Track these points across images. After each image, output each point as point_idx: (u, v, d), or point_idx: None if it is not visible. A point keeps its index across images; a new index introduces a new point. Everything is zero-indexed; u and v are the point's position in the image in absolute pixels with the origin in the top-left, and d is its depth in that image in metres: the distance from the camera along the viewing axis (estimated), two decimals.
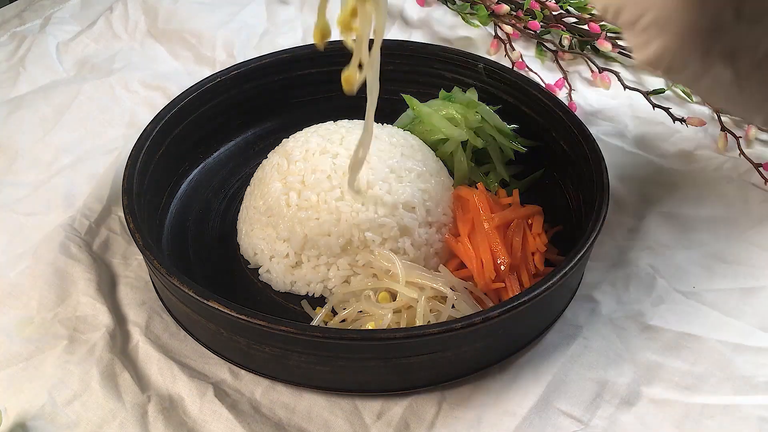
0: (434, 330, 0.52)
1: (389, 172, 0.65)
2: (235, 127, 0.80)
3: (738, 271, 0.66)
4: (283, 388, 0.57)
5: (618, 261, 0.67)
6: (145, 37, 0.99)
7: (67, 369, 0.58)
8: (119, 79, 0.90)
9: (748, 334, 0.61)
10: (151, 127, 0.70)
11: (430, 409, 0.56)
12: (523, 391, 0.57)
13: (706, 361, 0.59)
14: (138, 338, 0.61)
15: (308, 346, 0.53)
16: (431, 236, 0.65)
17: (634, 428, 0.54)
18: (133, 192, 0.63)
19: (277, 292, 0.65)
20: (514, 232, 0.64)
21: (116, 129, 0.84)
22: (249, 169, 0.73)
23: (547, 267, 0.64)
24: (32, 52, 0.95)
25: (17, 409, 0.56)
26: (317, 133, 0.68)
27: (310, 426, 0.55)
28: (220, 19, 1.01)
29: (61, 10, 1.04)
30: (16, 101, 0.87)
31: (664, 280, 0.65)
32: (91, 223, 0.72)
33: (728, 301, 0.64)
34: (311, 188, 0.64)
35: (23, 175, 0.78)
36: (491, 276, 0.61)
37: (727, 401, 0.56)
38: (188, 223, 0.71)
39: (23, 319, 0.63)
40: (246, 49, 0.96)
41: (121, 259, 0.69)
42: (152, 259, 0.57)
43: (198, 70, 0.94)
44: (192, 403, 0.56)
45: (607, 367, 0.58)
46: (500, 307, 0.53)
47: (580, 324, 0.62)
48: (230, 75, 0.77)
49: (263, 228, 0.65)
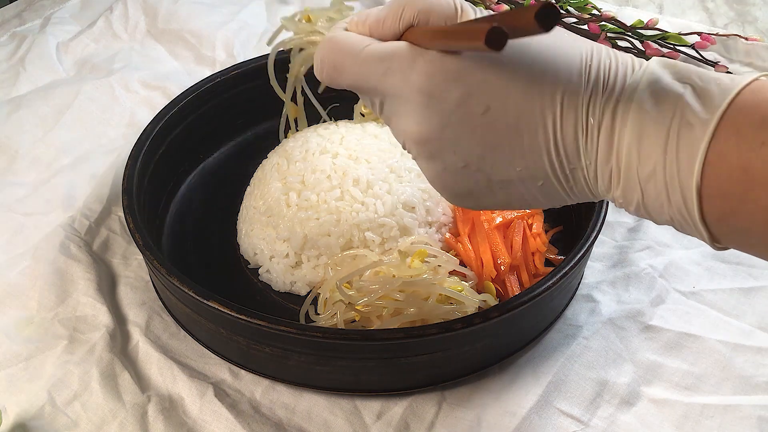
0: (434, 330, 0.52)
1: (389, 171, 0.65)
2: (235, 127, 0.80)
3: (738, 271, 0.66)
4: (283, 388, 0.57)
5: (618, 261, 0.67)
6: (145, 37, 0.99)
7: (67, 369, 0.58)
8: (119, 79, 0.90)
9: (748, 334, 0.61)
10: (151, 127, 0.70)
11: (430, 409, 0.56)
12: (523, 391, 0.57)
13: (706, 361, 0.59)
14: (138, 338, 0.61)
15: (308, 346, 0.53)
16: (431, 236, 0.65)
17: (634, 428, 0.54)
18: (133, 192, 0.63)
19: (277, 292, 0.65)
20: (514, 232, 0.64)
21: (116, 129, 0.84)
22: (249, 169, 0.73)
23: (547, 267, 0.64)
24: (32, 52, 0.95)
25: (17, 409, 0.56)
26: (317, 133, 0.68)
27: (310, 426, 0.55)
28: (220, 19, 1.01)
29: (61, 10, 1.04)
30: (16, 101, 0.87)
31: (664, 280, 0.65)
32: (91, 223, 0.72)
33: (728, 301, 0.64)
34: (311, 188, 0.64)
35: (23, 175, 0.78)
36: (491, 276, 0.61)
37: (727, 401, 0.56)
38: (188, 223, 0.71)
39: (23, 319, 0.63)
40: (246, 49, 0.97)
41: (121, 259, 0.69)
42: (152, 259, 0.57)
43: (198, 70, 0.94)
44: (192, 403, 0.56)
45: (607, 367, 0.58)
46: (500, 307, 0.53)
47: (580, 324, 0.62)
48: (230, 75, 0.77)
49: (263, 228, 0.65)
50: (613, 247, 0.69)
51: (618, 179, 0.36)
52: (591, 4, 0.96)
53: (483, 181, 0.39)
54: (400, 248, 0.61)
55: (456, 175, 0.40)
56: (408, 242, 0.62)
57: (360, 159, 0.65)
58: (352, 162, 0.64)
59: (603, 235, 0.69)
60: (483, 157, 0.38)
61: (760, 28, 1.01)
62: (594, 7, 0.96)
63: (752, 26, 1.01)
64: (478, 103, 0.37)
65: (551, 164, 0.37)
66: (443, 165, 0.39)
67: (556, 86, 0.36)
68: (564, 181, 0.38)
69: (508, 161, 0.38)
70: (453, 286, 0.57)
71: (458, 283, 0.58)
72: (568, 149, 0.36)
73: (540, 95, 0.36)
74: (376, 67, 0.40)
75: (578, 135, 0.36)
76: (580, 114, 0.35)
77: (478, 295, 0.58)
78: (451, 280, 0.59)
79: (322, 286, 0.61)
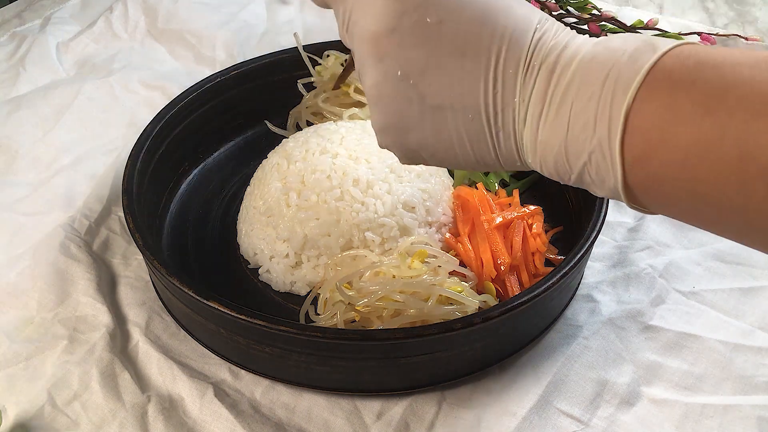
0: (434, 330, 0.52)
1: (389, 171, 0.65)
2: (235, 127, 0.80)
3: (738, 271, 0.66)
4: (283, 388, 0.57)
5: (618, 261, 0.67)
6: (145, 37, 0.99)
7: (67, 369, 0.58)
8: (119, 79, 0.90)
9: (748, 334, 0.61)
10: (151, 127, 0.70)
11: (430, 409, 0.56)
12: (523, 391, 0.57)
13: (706, 361, 0.59)
14: (138, 338, 0.61)
15: (308, 346, 0.53)
16: (431, 236, 0.65)
17: (634, 428, 0.54)
18: (133, 192, 0.63)
19: (277, 292, 0.65)
20: (514, 232, 0.64)
21: (116, 129, 0.84)
22: (249, 169, 0.73)
23: (547, 267, 0.64)
24: (32, 52, 0.95)
25: (17, 409, 0.56)
26: (317, 134, 0.68)
27: (310, 426, 0.55)
28: (220, 19, 1.01)
29: (61, 10, 1.04)
30: (16, 101, 0.87)
31: (664, 280, 0.65)
32: (91, 223, 0.72)
33: (728, 301, 0.64)
34: (311, 188, 0.64)
35: (23, 175, 0.78)
36: (491, 276, 0.61)
37: (726, 401, 0.56)
38: (188, 223, 0.71)
39: (23, 319, 0.63)
40: (246, 49, 0.97)
41: (121, 259, 0.69)
42: (152, 259, 0.57)
43: (198, 70, 0.94)
44: (192, 403, 0.56)
45: (607, 367, 0.58)
46: (500, 307, 0.53)
47: (580, 324, 0.62)
48: (230, 75, 0.77)
49: (263, 228, 0.65)
50: (613, 247, 0.69)
51: (547, 117, 0.37)
52: (591, 4, 0.96)
53: (416, 102, 0.40)
54: (401, 249, 0.61)
55: (393, 87, 0.40)
56: (408, 242, 0.62)
57: (360, 159, 0.65)
58: (352, 162, 0.64)
59: (603, 235, 0.69)
60: (423, 73, 0.39)
61: (760, 28, 1.01)
62: (594, 7, 0.96)
63: (752, 26, 1.01)
64: (434, 13, 0.38)
65: (485, 95, 0.38)
66: (384, 71, 0.40)
67: (510, 21, 0.38)
68: (493, 120, 0.39)
69: (446, 83, 0.39)
70: (453, 287, 0.57)
71: (458, 284, 0.58)
72: (506, 83, 0.38)
73: (493, 24, 0.38)
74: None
75: (519, 70, 0.37)
76: (526, 51, 0.37)
77: (478, 296, 0.58)
78: (451, 280, 0.59)
79: (322, 287, 0.61)
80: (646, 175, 0.35)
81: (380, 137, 0.43)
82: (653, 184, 0.35)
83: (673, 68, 0.34)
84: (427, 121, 0.40)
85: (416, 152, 0.42)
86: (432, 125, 0.40)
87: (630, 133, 0.34)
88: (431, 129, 0.40)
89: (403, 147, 0.42)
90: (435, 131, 0.40)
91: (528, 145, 0.39)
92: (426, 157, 0.42)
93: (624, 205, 0.73)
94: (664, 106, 0.33)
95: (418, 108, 0.40)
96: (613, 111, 0.34)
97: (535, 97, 0.37)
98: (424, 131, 0.41)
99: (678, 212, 0.36)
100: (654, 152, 0.34)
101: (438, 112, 0.40)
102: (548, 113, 0.37)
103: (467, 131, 0.40)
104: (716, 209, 0.33)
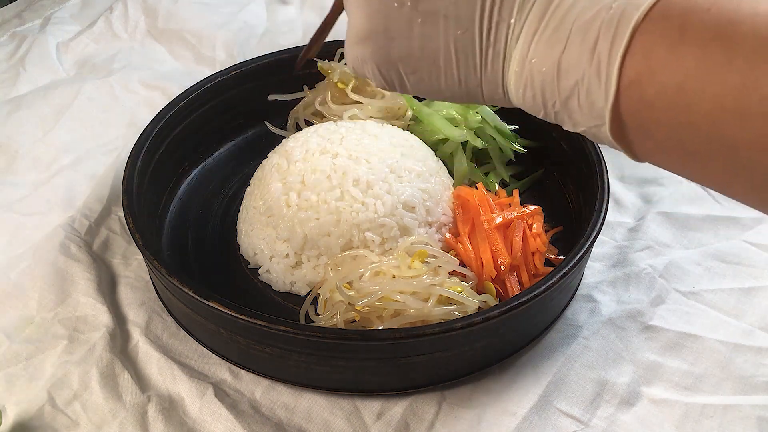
0: (434, 330, 0.52)
1: (389, 172, 0.65)
2: (235, 127, 0.80)
3: (738, 271, 0.66)
4: (283, 388, 0.57)
5: (618, 261, 0.67)
6: (145, 37, 0.99)
7: (67, 369, 0.58)
8: (119, 79, 0.90)
9: (748, 333, 0.61)
10: (151, 127, 0.70)
11: (430, 409, 0.56)
12: (523, 391, 0.57)
13: (706, 361, 0.59)
14: (138, 338, 0.61)
15: (308, 346, 0.53)
16: (431, 236, 0.65)
17: (634, 428, 0.54)
18: (133, 192, 0.63)
19: (277, 292, 0.65)
20: (514, 232, 0.64)
21: (116, 129, 0.84)
22: (249, 169, 0.73)
23: (547, 267, 0.64)
24: (32, 52, 0.95)
25: (17, 409, 0.56)
26: (317, 133, 0.68)
27: (310, 426, 0.55)
28: (220, 19, 1.01)
29: (61, 10, 1.04)
30: (16, 101, 0.87)
31: (664, 280, 0.65)
32: (91, 223, 0.72)
33: (728, 301, 0.64)
34: (311, 188, 0.64)
35: (23, 175, 0.78)
36: (491, 276, 0.61)
37: (726, 401, 0.56)
38: (188, 223, 0.71)
39: (23, 319, 0.63)
40: (246, 49, 0.97)
41: (121, 259, 0.69)
42: (152, 259, 0.57)
43: (198, 70, 0.94)
44: (192, 403, 0.56)
45: (607, 367, 0.58)
46: (500, 307, 0.53)
47: (580, 324, 0.62)
48: (230, 75, 0.77)
49: (263, 228, 0.65)
50: (613, 247, 0.69)
51: (542, 34, 0.35)
52: None
53: (408, 5, 0.37)
54: (401, 249, 0.61)
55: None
56: (408, 242, 0.62)
57: (360, 159, 0.65)
58: (352, 162, 0.64)
59: (603, 235, 0.69)
60: None
61: None
62: None
63: None
64: None
65: (482, 6, 0.36)
66: None
67: None
68: (486, 34, 0.37)
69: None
70: (453, 287, 0.57)
71: (458, 284, 0.58)
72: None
73: None
74: None
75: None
76: None
77: (478, 296, 0.58)
78: (451, 280, 0.59)
79: (322, 287, 0.61)
80: (639, 99, 0.33)
81: (358, 48, 0.40)
82: (644, 111, 0.33)
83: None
84: (415, 28, 0.38)
85: (395, 66, 0.39)
86: (420, 34, 0.38)
87: (632, 53, 0.33)
88: (418, 38, 0.38)
89: (383, 58, 0.39)
90: (422, 41, 0.38)
91: (516, 65, 0.37)
92: (406, 72, 0.39)
93: (624, 205, 0.73)
94: (673, 27, 0.32)
95: (409, 13, 0.37)
96: (620, 27, 0.33)
97: (534, 15, 0.36)
98: (410, 40, 0.38)
99: (663, 148, 0.34)
100: (653, 74, 0.32)
101: (429, 19, 0.37)
102: (544, 31, 0.35)
103: (456, 44, 0.37)
104: (706, 142, 0.32)
